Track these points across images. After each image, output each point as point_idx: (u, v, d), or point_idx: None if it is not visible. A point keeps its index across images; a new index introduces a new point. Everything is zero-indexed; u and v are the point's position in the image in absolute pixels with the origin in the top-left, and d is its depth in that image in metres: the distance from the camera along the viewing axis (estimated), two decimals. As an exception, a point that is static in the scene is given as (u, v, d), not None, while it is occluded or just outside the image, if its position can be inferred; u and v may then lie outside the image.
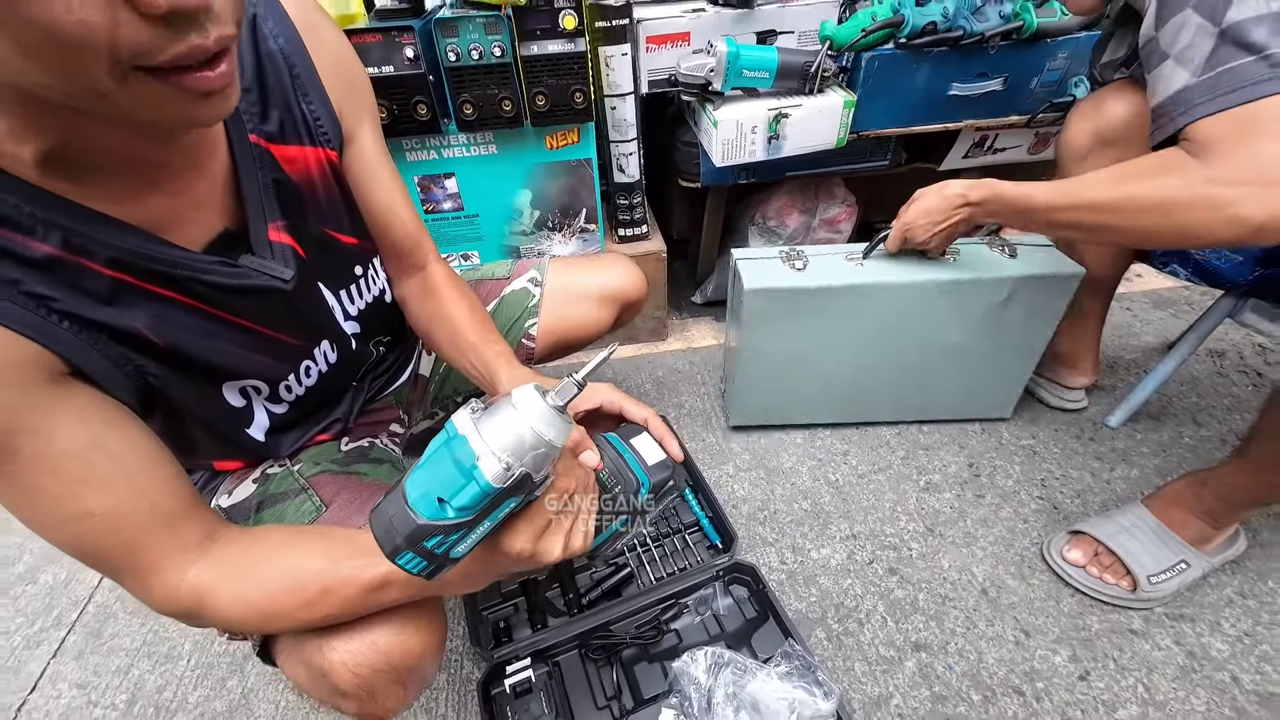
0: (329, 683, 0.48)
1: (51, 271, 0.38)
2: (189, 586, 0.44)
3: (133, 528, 0.42)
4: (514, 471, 0.36)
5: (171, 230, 0.44)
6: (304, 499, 0.60)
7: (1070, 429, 1.07)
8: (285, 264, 0.51)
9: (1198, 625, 0.79)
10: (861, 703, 0.74)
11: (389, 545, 0.37)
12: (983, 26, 0.97)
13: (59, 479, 0.40)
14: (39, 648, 0.86)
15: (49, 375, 0.39)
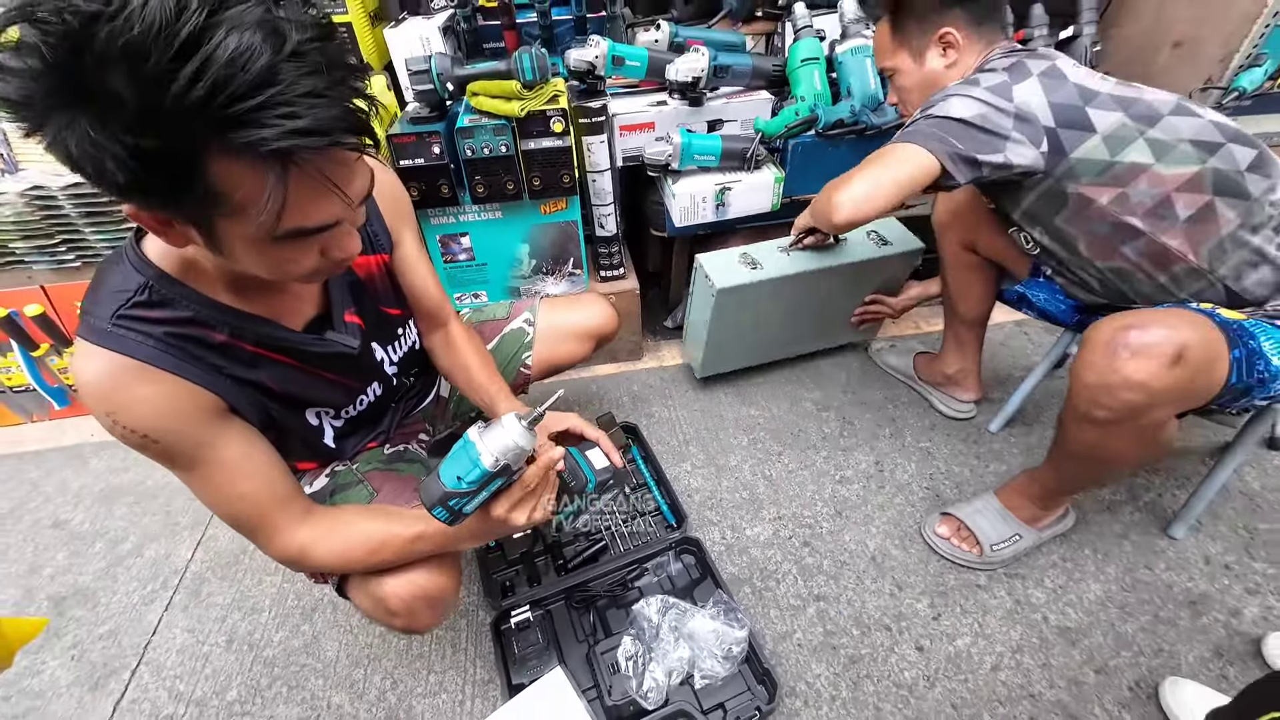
0: (384, 605, 0.74)
1: (222, 350, 0.64)
2: (297, 543, 0.69)
3: (265, 504, 0.68)
4: (499, 462, 0.62)
5: (286, 318, 0.70)
6: (361, 488, 0.86)
7: (959, 434, 1.34)
8: (354, 337, 0.77)
9: (1026, 581, 1.06)
10: (772, 636, 1.01)
11: (429, 502, 0.64)
12: (881, 120, 1.24)
13: (225, 474, 0.65)
14: (153, 604, 1.13)
15: (219, 412, 0.64)
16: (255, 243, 0.50)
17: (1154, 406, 0.77)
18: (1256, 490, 1.17)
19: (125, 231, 1.36)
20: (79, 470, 1.42)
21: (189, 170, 0.43)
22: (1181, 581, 1.04)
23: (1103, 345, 0.78)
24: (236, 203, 0.45)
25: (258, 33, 0.40)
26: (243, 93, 0.40)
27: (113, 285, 0.58)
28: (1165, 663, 0.94)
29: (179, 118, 0.40)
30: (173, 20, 0.38)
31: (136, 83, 0.38)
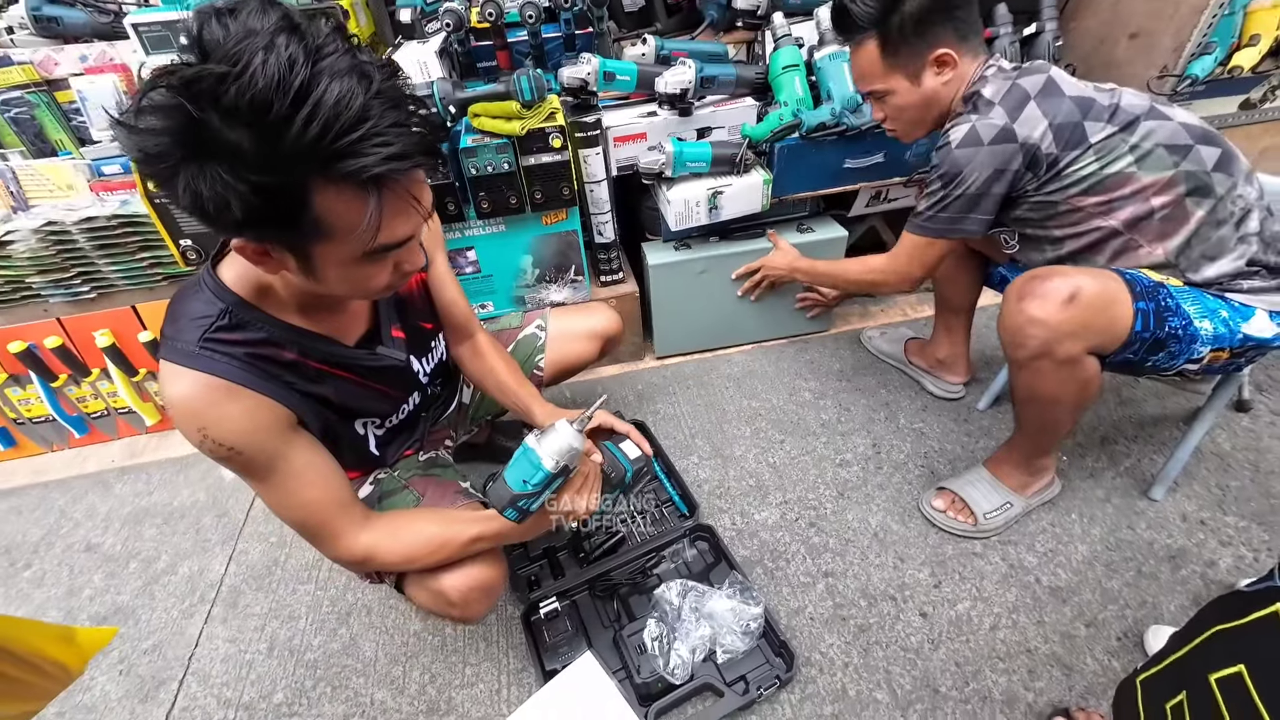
0: (444, 598, 0.80)
1: (292, 367, 0.70)
2: (362, 545, 0.76)
3: (329, 509, 0.74)
4: (559, 465, 0.70)
5: (343, 335, 0.77)
6: (406, 493, 0.92)
7: (950, 413, 1.42)
8: (401, 350, 0.84)
9: (1018, 547, 1.13)
10: (785, 612, 1.07)
11: (499, 505, 0.71)
12: (860, 121, 1.31)
13: (295, 482, 0.71)
14: (192, 618, 1.17)
15: (291, 425, 0.71)
16: (346, 263, 0.57)
17: (1057, 340, 0.89)
18: (1227, 451, 1.26)
19: (138, 262, 1.41)
20: (104, 495, 1.46)
21: (301, 202, 0.50)
22: (1161, 539, 1.12)
23: (1013, 295, 0.93)
24: (337, 227, 0.52)
25: (352, 77, 0.47)
26: (346, 129, 0.46)
27: (195, 312, 0.64)
28: (1149, 613, 1.01)
29: (295, 157, 0.46)
30: (287, 74, 0.44)
31: (261, 130, 0.45)
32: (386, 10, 1.57)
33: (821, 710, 0.94)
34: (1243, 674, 0.50)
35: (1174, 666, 0.60)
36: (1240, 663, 0.51)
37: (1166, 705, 0.58)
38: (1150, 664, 0.65)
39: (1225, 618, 0.54)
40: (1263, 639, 0.50)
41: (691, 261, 1.47)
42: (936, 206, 1.03)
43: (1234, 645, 0.53)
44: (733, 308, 1.59)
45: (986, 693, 0.94)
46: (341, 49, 0.48)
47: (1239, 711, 0.50)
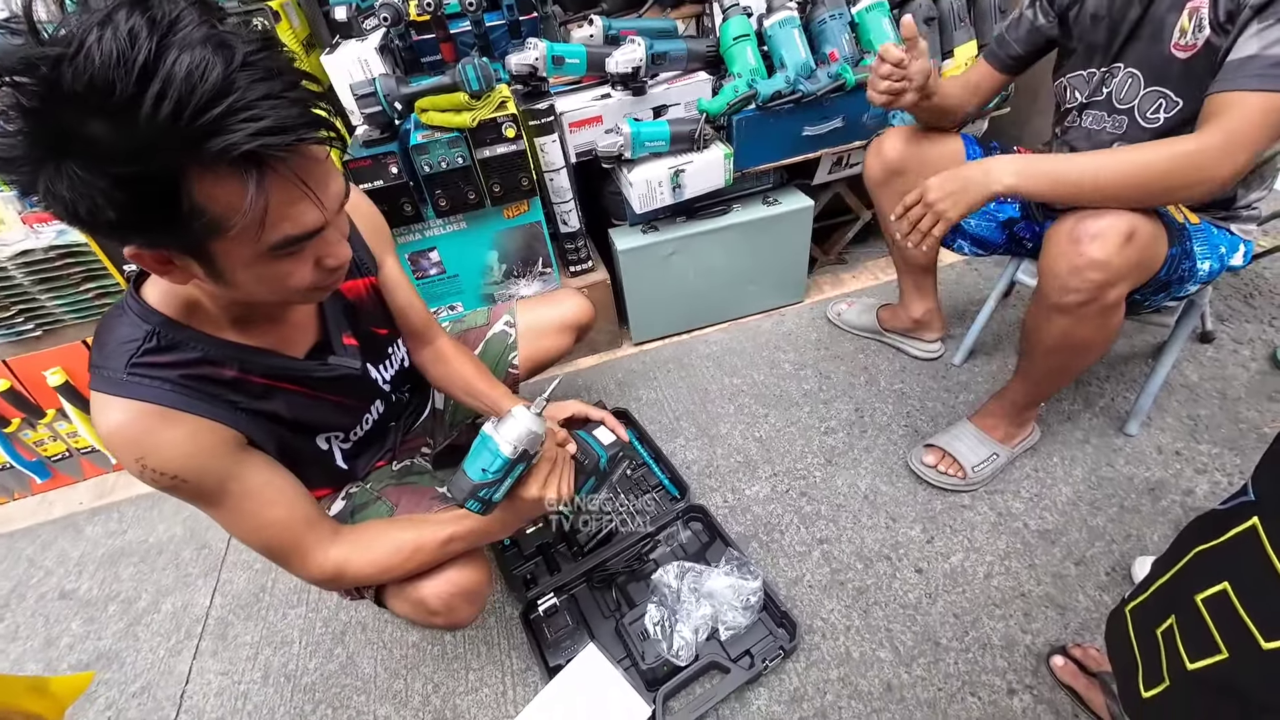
0: (425, 607, 0.78)
1: (234, 385, 0.67)
2: (332, 561, 0.73)
3: (294, 528, 0.71)
4: (517, 449, 0.67)
5: (289, 347, 0.73)
6: (380, 504, 0.89)
7: (928, 372, 1.43)
8: (355, 358, 0.80)
9: (1005, 495, 1.15)
10: (784, 583, 1.07)
11: (460, 496, 0.68)
12: (815, 87, 1.31)
13: (252, 503, 0.68)
14: (180, 654, 1.14)
15: (239, 446, 0.67)
16: (252, 262, 0.52)
17: (1114, 283, 0.85)
18: (1195, 381, 1.29)
19: (83, 294, 1.35)
20: (75, 539, 1.41)
21: (172, 192, 0.45)
22: (1140, 472, 1.14)
23: (1066, 236, 0.86)
24: (222, 217, 0.47)
25: (207, 48, 0.42)
26: (205, 104, 0.42)
27: (120, 337, 0.60)
28: (1134, 546, 1.04)
29: (152, 139, 0.42)
30: (128, 49, 0.40)
31: (108, 114, 0.41)
32: (320, 10, 1.51)
33: (828, 675, 0.95)
34: (1227, 591, 0.50)
35: (1160, 592, 0.61)
36: (1224, 580, 0.51)
37: (1157, 631, 0.58)
38: (1137, 592, 0.65)
39: (1204, 538, 0.55)
40: (1243, 555, 0.50)
41: (660, 244, 1.46)
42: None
43: (1216, 564, 0.53)
44: (706, 287, 1.58)
45: (986, 640, 0.96)
46: (196, 20, 0.43)
47: (1227, 628, 0.50)
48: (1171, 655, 0.55)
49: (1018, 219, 1.18)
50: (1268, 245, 1.44)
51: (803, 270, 1.65)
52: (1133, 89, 0.93)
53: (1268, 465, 0.52)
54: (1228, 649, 0.50)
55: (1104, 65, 0.96)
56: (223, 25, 0.45)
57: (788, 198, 1.52)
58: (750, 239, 1.51)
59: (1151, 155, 0.80)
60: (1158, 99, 0.91)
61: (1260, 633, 0.47)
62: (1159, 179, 0.80)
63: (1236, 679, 0.50)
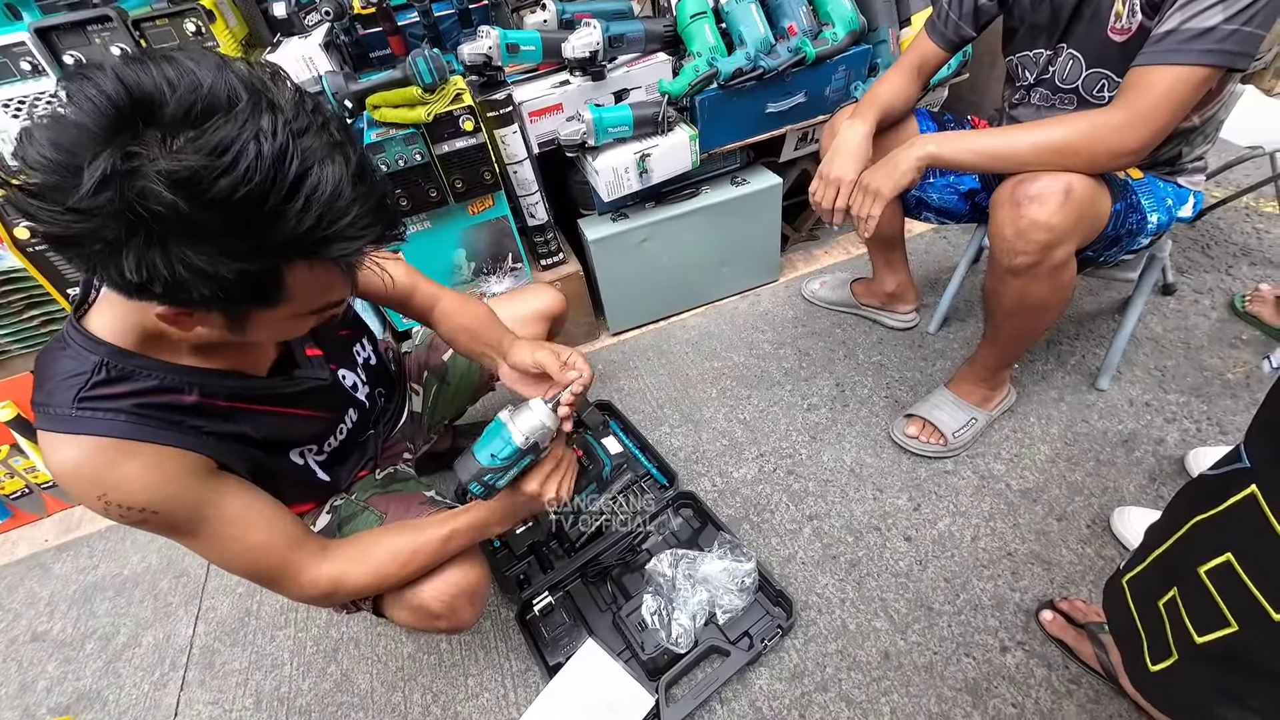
0: (426, 611, 0.76)
1: (197, 411, 0.64)
2: (326, 576, 0.70)
3: (280, 549, 0.68)
4: (529, 440, 0.67)
5: (251, 367, 0.70)
6: (368, 514, 0.87)
7: (904, 341, 1.45)
8: (320, 368, 0.78)
9: (986, 458, 1.17)
10: (777, 562, 1.08)
11: (466, 477, 0.68)
12: (776, 63, 1.29)
13: (233, 529, 0.65)
14: (166, 688, 1.10)
15: (210, 471, 0.64)
16: (281, 321, 0.55)
17: (1059, 242, 0.87)
18: (1160, 334, 1.32)
19: (26, 323, 1.28)
20: (43, 579, 1.35)
21: (276, 282, 0.49)
22: (1113, 426, 1.17)
23: (1007, 199, 0.88)
24: (296, 298, 0.51)
25: (335, 158, 0.46)
26: (336, 218, 0.46)
27: (63, 370, 0.57)
28: (1111, 498, 1.07)
29: (282, 245, 0.46)
30: (282, 167, 0.43)
31: (249, 222, 0.44)
32: (259, 7, 1.44)
33: (826, 649, 0.96)
34: (1231, 562, 0.48)
35: (1158, 563, 0.59)
36: (1227, 551, 0.49)
37: (1159, 603, 0.57)
38: (1133, 562, 0.64)
39: (1200, 507, 0.53)
40: (1244, 524, 0.48)
41: (631, 231, 1.43)
42: (1251, 11, 0.71)
43: (1217, 534, 0.51)
44: (680, 272, 1.56)
45: (977, 600, 0.97)
46: (314, 121, 0.46)
47: (1235, 599, 0.49)
48: (1177, 628, 0.54)
49: (979, 189, 1.19)
50: (1221, 195, 1.48)
51: (775, 249, 1.65)
52: (1074, 70, 0.94)
53: (1261, 430, 0.51)
54: (1237, 621, 0.49)
55: (1049, 46, 0.97)
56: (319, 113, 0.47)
57: (756, 177, 1.51)
58: (721, 221, 1.50)
59: (1063, 129, 0.84)
60: (1100, 79, 0.92)
61: (1269, 603, 0.46)
62: (1069, 154, 0.84)
63: (1247, 650, 0.48)
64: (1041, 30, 0.97)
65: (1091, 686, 0.86)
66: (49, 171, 0.41)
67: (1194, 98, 0.77)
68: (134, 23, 1.17)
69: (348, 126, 0.50)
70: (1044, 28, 0.96)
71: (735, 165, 1.54)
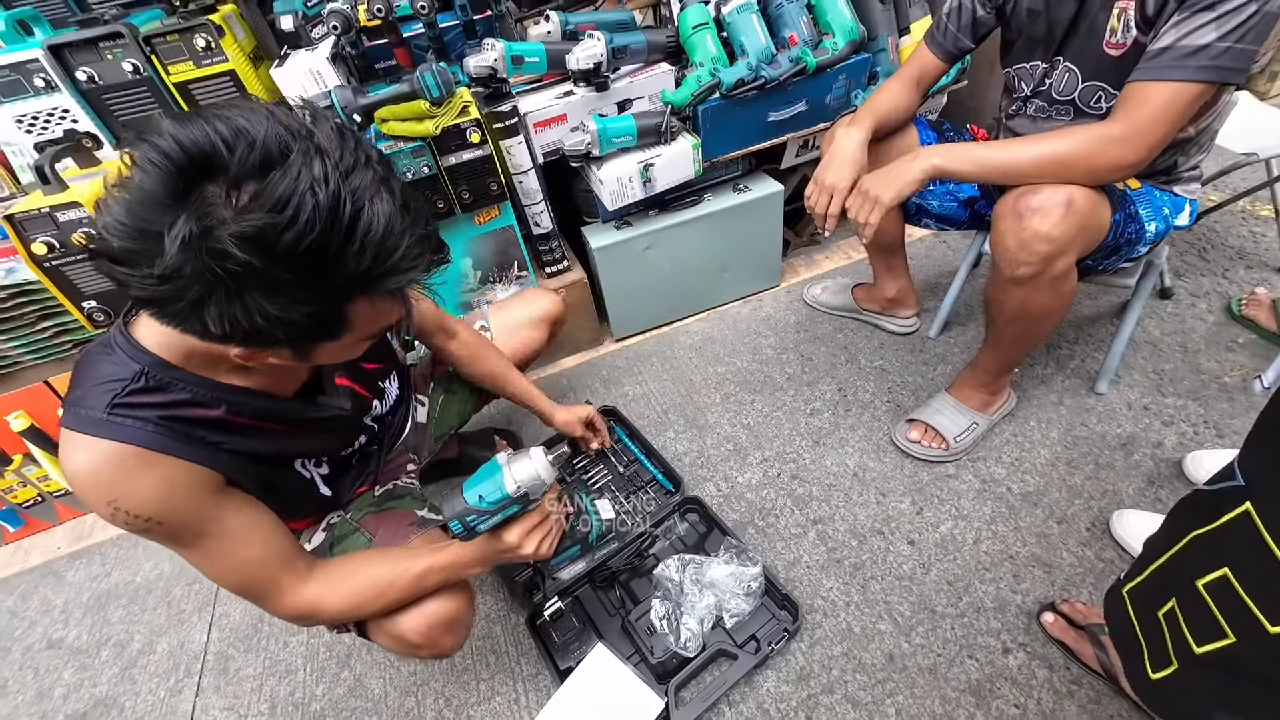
0: (406, 641, 0.76)
1: (219, 426, 0.65)
2: (306, 599, 0.71)
3: (271, 567, 0.69)
4: (520, 489, 0.68)
5: (279, 388, 0.71)
6: (359, 535, 0.87)
7: (905, 346, 1.46)
8: (345, 399, 0.80)
9: (987, 461, 1.19)
10: (782, 566, 1.10)
11: (450, 514, 0.68)
12: (777, 73, 1.31)
13: (230, 544, 0.66)
14: (181, 694, 1.12)
15: (219, 487, 0.66)
16: (344, 348, 0.58)
17: (1060, 253, 0.89)
18: (1158, 337, 1.34)
19: (40, 334, 1.29)
20: (57, 587, 1.36)
21: (340, 318, 0.52)
22: (1112, 429, 1.19)
23: (1010, 211, 0.90)
24: (357, 328, 0.54)
25: (382, 196, 0.48)
26: (390, 253, 0.49)
27: (104, 375, 0.59)
28: (1111, 501, 1.08)
29: (344, 285, 0.49)
30: (339, 213, 0.45)
31: (313, 269, 0.46)
32: (266, 20, 1.45)
33: (831, 651, 0.97)
34: (1228, 577, 0.50)
35: (1158, 575, 0.61)
36: (1223, 566, 0.51)
37: (1158, 613, 0.58)
38: (1133, 573, 0.65)
39: (1197, 521, 0.55)
40: (1239, 540, 0.50)
41: (635, 239, 1.45)
42: (1243, 29, 0.72)
43: (1213, 549, 0.53)
44: (683, 279, 1.58)
45: (979, 603, 0.99)
46: (357, 159, 0.48)
47: (1232, 612, 0.50)
48: (1177, 638, 0.55)
49: (978, 197, 1.21)
50: (1217, 199, 1.50)
51: (777, 255, 1.66)
52: (1071, 82, 0.96)
53: (1252, 449, 0.52)
54: (1234, 633, 0.50)
55: (1046, 59, 0.99)
56: (361, 147, 0.50)
57: (758, 184, 1.53)
58: (723, 227, 1.52)
59: (1063, 144, 0.86)
60: (1096, 92, 0.94)
61: (1265, 617, 0.47)
62: (1070, 166, 0.86)
63: (1245, 661, 0.50)
64: (1038, 43, 0.98)
65: (1092, 687, 0.88)
66: (129, 238, 0.44)
67: (1190, 111, 0.80)
68: (145, 39, 1.19)
69: (385, 158, 0.52)
70: (1041, 41, 0.98)
71: (737, 173, 1.55)
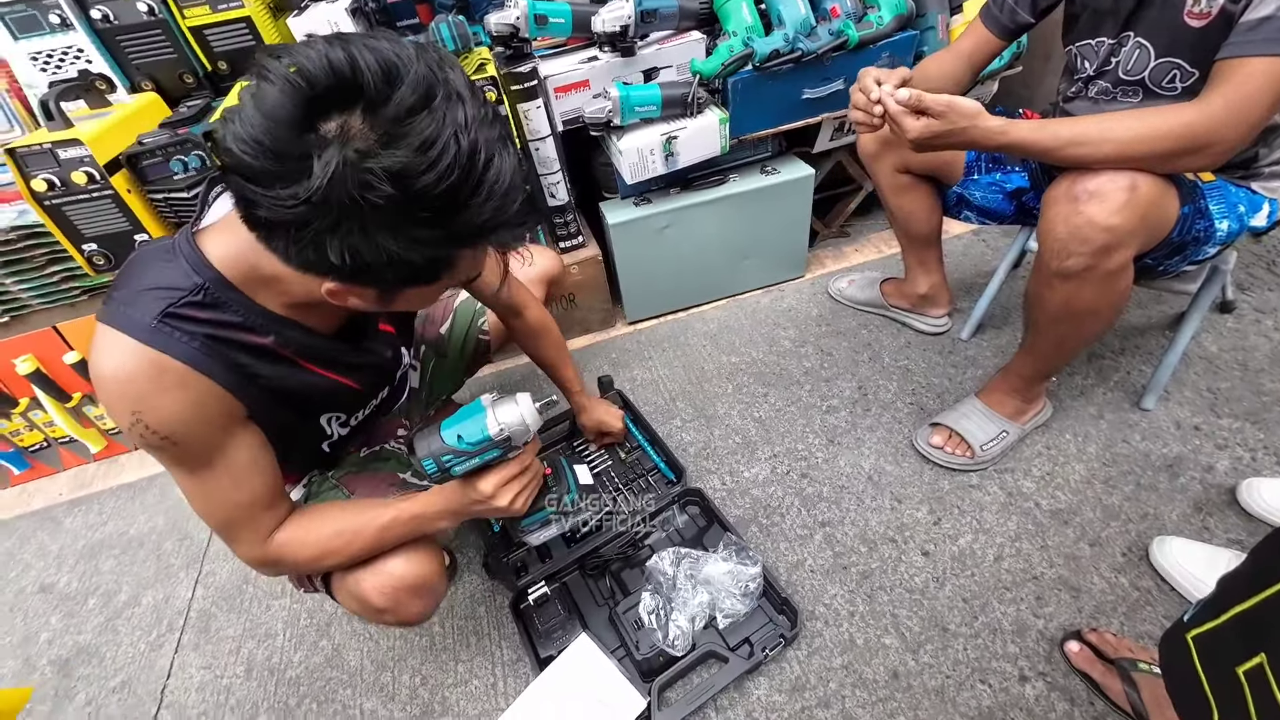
0: (368, 603, 0.72)
1: (266, 355, 0.62)
2: (274, 545, 0.68)
3: (257, 510, 0.66)
4: (503, 435, 0.63)
5: (323, 325, 0.67)
6: (336, 492, 0.83)
7: (934, 347, 1.37)
8: (386, 345, 0.77)
9: (1015, 474, 1.10)
10: (784, 568, 1.03)
11: (423, 451, 0.63)
12: (815, 46, 1.23)
13: (229, 480, 0.63)
14: (162, 649, 1.10)
15: (239, 418, 0.63)
16: (424, 296, 0.58)
17: (1118, 245, 0.80)
18: (1214, 353, 1.23)
19: (48, 278, 1.29)
20: (54, 532, 1.36)
21: (450, 264, 0.52)
22: (1157, 448, 1.09)
23: (1064, 194, 0.81)
24: (455, 276, 0.55)
25: (505, 150, 0.48)
26: (509, 206, 0.49)
27: (162, 280, 0.56)
28: (1151, 525, 0.99)
29: (466, 233, 0.49)
30: (475, 162, 0.45)
31: (442, 213, 0.46)
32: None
33: (830, 663, 0.91)
34: None
35: (1239, 623, 0.51)
36: None
37: (1238, 670, 0.49)
38: (1202, 616, 0.56)
39: None
40: None
41: (653, 217, 1.39)
42: None
43: None
44: (702, 262, 1.51)
45: (996, 624, 0.91)
46: (487, 111, 0.48)
47: None
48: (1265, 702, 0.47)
49: (1027, 189, 1.11)
50: (1292, 208, 1.37)
51: (803, 244, 1.58)
52: (1141, 60, 0.86)
53: None
54: None
55: (1113, 35, 0.89)
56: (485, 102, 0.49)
57: (787, 166, 1.45)
58: (748, 211, 1.44)
59: (1149, 124, 0.76)
60: (1171, 69, 0.84)
61: None
62: (1156, 149, 0.76)
63: None
64: (1106, 17, 0.89)
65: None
66: (268, 159, 0.43)
67: None
68: (163, -21, 1.16)
69: (500, 113, 0.50)
70: (1109, 13, 0.88)
71: (766, 154, 1.48)
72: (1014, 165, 1.12)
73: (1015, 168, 1.11)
